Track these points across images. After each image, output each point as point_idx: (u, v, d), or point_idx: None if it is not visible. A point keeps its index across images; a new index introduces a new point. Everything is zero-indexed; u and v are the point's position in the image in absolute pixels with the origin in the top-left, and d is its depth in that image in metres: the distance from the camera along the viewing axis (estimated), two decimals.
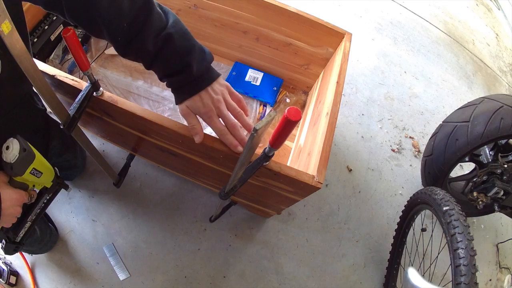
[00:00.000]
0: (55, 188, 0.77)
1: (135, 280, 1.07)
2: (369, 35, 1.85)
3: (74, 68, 1.26)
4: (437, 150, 1.13)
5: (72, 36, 0.56)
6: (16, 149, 0.58)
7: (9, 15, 0.44)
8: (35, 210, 0.75)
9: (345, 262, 1.20)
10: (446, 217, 0.85)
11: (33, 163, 0.62)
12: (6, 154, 0.58)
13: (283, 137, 0.50)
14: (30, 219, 0.74)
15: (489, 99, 1.07)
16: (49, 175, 0.71)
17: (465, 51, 1.96)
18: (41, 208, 0.76)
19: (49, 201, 0.78)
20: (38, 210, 0.76)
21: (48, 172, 0.70)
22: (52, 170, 0.72)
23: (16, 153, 0.58)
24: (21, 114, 0.74)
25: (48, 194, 0.77)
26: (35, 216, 0.75)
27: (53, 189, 0.76)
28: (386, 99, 1.62)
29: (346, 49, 0.97)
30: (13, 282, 1.01)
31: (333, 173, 1.35)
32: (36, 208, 0.75)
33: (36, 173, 0.65)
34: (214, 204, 1.20)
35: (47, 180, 0.72)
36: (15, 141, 0.59)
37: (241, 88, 1.30)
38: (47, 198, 0.77)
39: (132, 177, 1.20)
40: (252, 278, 1.12)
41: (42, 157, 0.66)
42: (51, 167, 0.71)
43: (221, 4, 1.12)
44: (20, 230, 0.74)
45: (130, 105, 0.73)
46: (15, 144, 0.59)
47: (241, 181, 0.64)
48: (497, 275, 1.28)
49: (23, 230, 0.75)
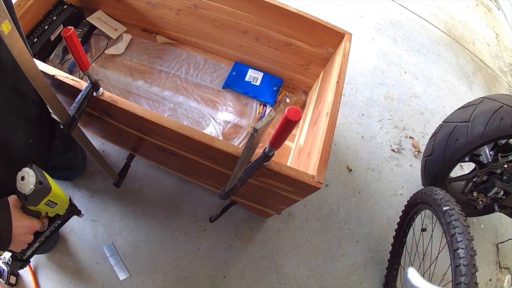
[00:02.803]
0: (68, 215, 0.76)
1: (135, 280, 1.07)
2: (369, 35, 1.85)
3: (74, 68, 1.26)
4: (437, 150, 1.13)
5: (72, 36, 0.56)
6: (31, 182, 0.56)
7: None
8: (45, 233, 0.74)
9: (345, 262, 1.20)
10: (446, 217, 0.85)
11: (49, 196, 0.61)
12: (21, 185, 0.56)
13: (283, 137, 0.50)
14: (39, 240, 0.74)
15: (489, 99, 1.07)
16: (63, 205, 0.69)
17: (465, 51, 1.96)
18: (51, 232, 0.75)
19: (60, 226, 0.77)
20: (48, 233, 0.75)
21: (63, 203, 0.68)
22: (67, 200, 0.71)
23: (31, 186, 0.56)
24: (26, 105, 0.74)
25: (61, 220, 0.76)
26: (44, 238, 0.74)
27: (65, 215, 0.75)
28: (386, 99, 1.62)
29: (346, 49, 0.97)
30: (13, 282, 1.01)
31: (333, 173, 1.35)
32: (46, 232, 0.73)
33: (51, 204, 0.64)
34: (214, 204, 1.20)
35: (61, 209, 0.71)
36: (31, 172, 0.57)
37: (241, 88, 1.30)
38: (58, 223, 0.76)
39: (132, 177, 1.20)
40: (252, 278, 1.12)
41: (58, 189, 0.64)
42: (66, 197, 0.70)
43: (221, 4, 1.12)
44: (28, 250, 0.74)
45: (130, 105, 0.73)
46: (31, 176, 0.57)
47: (241, 181, 0.64)
48: (497, 275, 1.28)
49: (31, 249, 0.74)
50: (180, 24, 1.27)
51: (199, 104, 1.27)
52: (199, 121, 1.23)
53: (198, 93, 1.29)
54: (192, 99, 1.27)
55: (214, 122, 1.24)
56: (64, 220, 0.76)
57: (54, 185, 0.63)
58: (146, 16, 1.30)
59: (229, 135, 1.22)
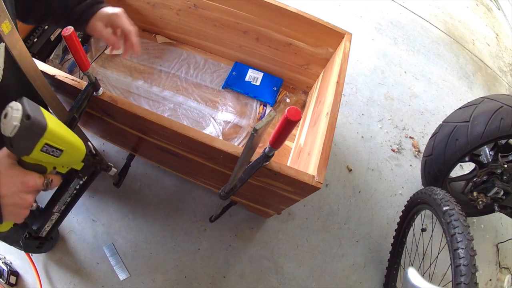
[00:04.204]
0: (91, 170, 0.58)
1: (135, 280, 1.07)
2: (369, 35, 1.85)
3: (74, 68, 1.26)
4: (437, 150, 1.13)
5: (72, 36, 0.56)
6: (16, 118, 0.39)
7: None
8: (64, 199, 0.58)
9: (345, 262, 1.20)
10: (446, 217, 0.85)
11: (44, 137, 0.42)
12: (3, 125, 0.39)
13: (283, 137, 0.50)
14: (57, 209, 0.58)
15: (489, 99, 1.07)
16: (75, 153, 0.50)
17: (465, 51, 1.96)
18: (72, 196, 0.59)
19: (84, 187, 0.60)
20: (68, 199, 0.58)
21: (73, 150, 0.49)
22: (82, 146, 0.51)
23: (15, 122, 0.38)
24: None
25: (81, 178, 0.58)
26: (64, 206, 0.58)
27: (87, 171, 0.57)
28: (386, 99, 1.62)
29: (346, 49, 0.97)
30: (13, 282, 1.01)
31: (333, 173, 1.35)
32: (65, 196, 0.57)
33: (52, 150, 0.44)
34: (214, 204, 1.20)
35: (74, 159, 0.51)
36: (17, 106, 0.40)
37: (241, 88, 1.30)
38: (79, 184, 0.59)
39: (132, 177, 1.20)
40: (252, 278, 1.12)
41: (61, 127, 0.45)
42: (79, 142, 0.50)
43: (221, 4, 1.12)
44: (45, 223, 0.58)
45: (130, 105, 0.73)
46: (15, 111, 0.39)
47: (241, 181, 0.64)
48: (497, 275, 1.28)
49: (49, 223, 0.58)
50: (180, 24, 1.27)
51: (199, 104, 1.27)
52: (199, 121, 1.23)
53: (198, 93, 1.29)
54: (192, 99, 1.27)
55: (214, 122, 1.24)
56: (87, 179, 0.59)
57: (54, 122, 0.44)
58: (146, 16, 1.30)
59: (229, 135, 1.22)
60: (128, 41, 0.75)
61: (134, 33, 0.74)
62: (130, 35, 0.73)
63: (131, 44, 0.75)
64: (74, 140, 0.48)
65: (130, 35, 0.73)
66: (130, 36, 0.74)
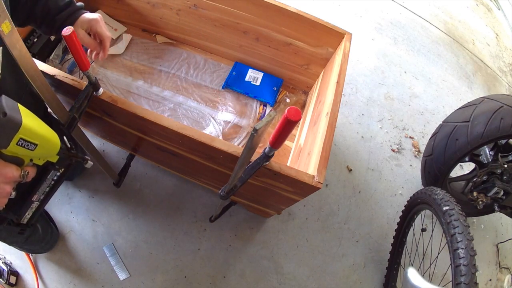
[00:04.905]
0: (66, 162, 0.62)
1: (135, 280, 1.07)
2: (369, 35, 1.85)
3: (74, 68, 1.26)
4: (437, 150, 1.13)
5: (72, 36, 0.56)
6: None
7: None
8: (42, 189, 0.61)
9: (345, 262, 1.20)
10: (446, 217, 0.85)
11: (19, 132, 0.45)
12: None
13: (283, 137, 0.50)
14: (37, 198, 0.61)
15: (489, 99, 1.07)
16: (49, 146, 0.54)
17: (465, 51, 1.96)
18: (50, 187, 0.63)
19: (61, 178, 0.64)
20: (47, 189, 0.62)
21: (48, 143, 0.53)
22: (56, 140, 0.55)
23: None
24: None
25: (58, 170, 0.62)
26: (43, 195, 0.62)
27: (62, 163, 0.61)
28: (386, 99, 1.62)
29: (346, 49, 0.97)
30: (13, 282, 1.01)
31: (333, 173, 1.35)
32: (43, 186, 0.61)
33: (27, 144, 0.48)
34: (214, 204, 1.20)
35: (49, 152, 0.55)
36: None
37: (241, 88, 1.30)
38: (56, 175, 0.62)
39: (132, 177, 1.20)
40: (252, 278, 1.12)
41: (35, 122, 0.49)
42: (53, 136, 0.54)
43: (221, 4, 1.12)
44: (25, 211, 0.61)
45: (130, 105, 0.74)
46: None
47: (241, 181, 0.64)
48: (497, 275, 1.28)
49: (29, 210, 0.62)
50: (180, 24, 1.27)
51: (199, 104, 1.27)
52: (199, 121, 1.23)
53: (198, 93, 1.29)
54: (192, 99, 1.27)
55: (214, 122, 1.24)
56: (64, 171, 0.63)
57: (30, 118, 0.48)
58: (146, 16, 1.30)
59: (229, 135, 1.22)
60: (102, 46, 0.79)
61: (109, 40, 0.79)
62: (106, 41, 0.78)
63: (104, 48, 0.79)
64: (48, 135, 0.52)
65: (106, 41, 0.78)
66: (105, 41, 0.78)
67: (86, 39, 0.76)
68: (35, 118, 0.49)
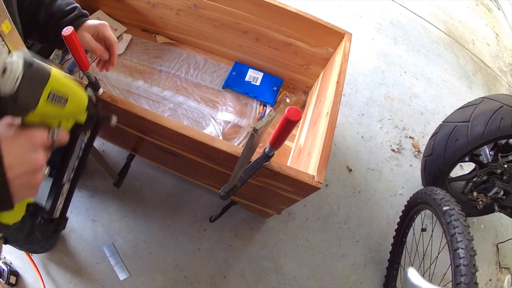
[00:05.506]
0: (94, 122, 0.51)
1: (135, 280, 1.07)
2: (369, 35, 1.85)
3: (74, 68, 1.26)
4: (437, 150, 1.13)
5: (72, 36, 0.56)
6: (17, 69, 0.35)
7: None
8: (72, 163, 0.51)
9: (345, 262, 1.20)
10: (446, 217, 0.85)
11: (49, 84, 0.39)
12: (3, 81, 0.35)
13: (283, 137, 0.50)
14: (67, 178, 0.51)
15: (489, 99, 1.07)
16: (78, 99, 0.45)
17: (465, 51, 1.96)
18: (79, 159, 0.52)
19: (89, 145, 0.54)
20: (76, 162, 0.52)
21: (77, 96, 0.45)
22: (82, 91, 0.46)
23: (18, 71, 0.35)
24: None
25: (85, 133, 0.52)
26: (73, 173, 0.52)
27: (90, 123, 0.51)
28: (386, 99, 1.62)
29: (346, 49, 0.97)
30: (13, 282, 1.01)
31: (333, 173, 1.35)
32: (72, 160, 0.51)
33: (58, 99, 0.41)
34: (214, 204, 1.20)
35: (78, 108, 0.46)
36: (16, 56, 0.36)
37: (241, 88, 1.30)
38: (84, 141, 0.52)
39: (132, 177, 1.20)
40: (252, 278, 1.12)
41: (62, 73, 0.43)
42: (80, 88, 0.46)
43: (221, 4, 1.12)
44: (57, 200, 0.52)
45: (130, 105, 0.74)
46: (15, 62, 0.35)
47: (241, 181, 0.64)
48: (497, 275, 1.28)
49: (60, 198, 0.52)
50: (180, 24, 1.27)
51: (199, 104, 1.27)
52: (199, 121, 1.23)
53: (198, 93, 1.29)
54: (192, 99, 1.27)
55: (214, 122, 1.24)
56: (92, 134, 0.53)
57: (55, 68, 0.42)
58: (146, 16, 1.30)
59: (229, 135, 1.22)
60: (111, 52, 0.77)
61: (117, 46, 0.77)
62: (114, 46, 0.75)
63: (111, 55, 0.77)
64: (75, 86, 0.45)
65: (114, 46, 0.75)
66: (114, 46, 0.76)
67: (92, 43, 0.73)
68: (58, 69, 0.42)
